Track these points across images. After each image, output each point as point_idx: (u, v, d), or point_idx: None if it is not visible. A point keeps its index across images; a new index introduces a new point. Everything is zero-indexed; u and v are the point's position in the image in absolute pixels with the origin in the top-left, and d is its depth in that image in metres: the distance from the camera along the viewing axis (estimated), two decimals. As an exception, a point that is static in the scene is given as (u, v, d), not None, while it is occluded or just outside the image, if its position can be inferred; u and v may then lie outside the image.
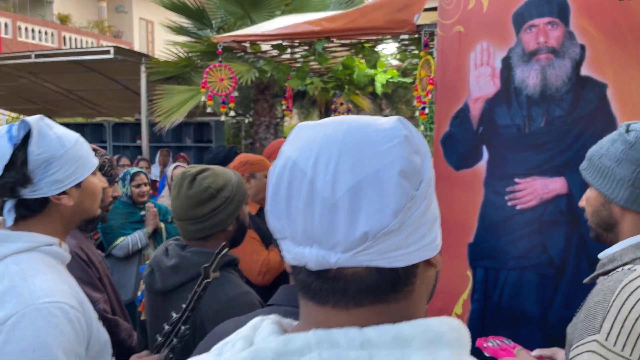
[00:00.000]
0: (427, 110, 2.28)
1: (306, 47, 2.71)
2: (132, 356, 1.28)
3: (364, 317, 0.48)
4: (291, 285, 1.00)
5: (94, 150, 1.69)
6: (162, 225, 3.38)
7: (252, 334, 0.52)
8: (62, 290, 1.03)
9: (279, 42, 2.54)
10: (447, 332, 0.47)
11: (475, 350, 1.46)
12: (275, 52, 2.86)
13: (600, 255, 1.22)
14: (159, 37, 22.06)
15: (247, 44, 2.71)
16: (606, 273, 1.16)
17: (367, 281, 0.48)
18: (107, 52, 5.17)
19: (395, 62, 2.70)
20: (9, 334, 0.94)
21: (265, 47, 2.78)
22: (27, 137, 1.05)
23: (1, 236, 1.05)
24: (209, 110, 3.13)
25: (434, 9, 1.81)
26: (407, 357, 0.45)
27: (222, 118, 3.15)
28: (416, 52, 2.55)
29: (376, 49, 2.58)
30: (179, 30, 6.41)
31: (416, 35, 2.19)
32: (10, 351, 0.93)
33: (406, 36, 2.27)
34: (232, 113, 3.14)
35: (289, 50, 2.76)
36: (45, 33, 16.66)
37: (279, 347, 0.46)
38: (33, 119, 1.08)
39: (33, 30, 16.23)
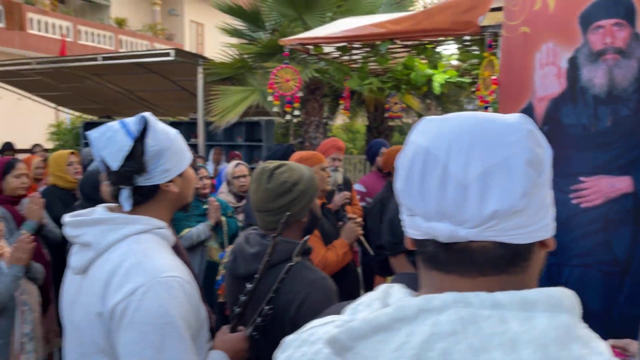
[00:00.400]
0: (490, 110, 2.31)
1: (367, 49, 2.79)
2: (218, 333, 1.40)
3: (487, 285, 0.56)
4: (405, 273, 1.07)
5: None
6: (223, 219, 3.54)
7: (384, 297, 0.61)
8: (177, 266, 1.17)
9: (343, 44, 2.63)
10: (565, 299, 0.54)
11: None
12: (336, 54, 2.95)
13: None
14: (209, 39, 22.72)
15: (311, 47, 2.81)
16: None
17: (492, 254, 0.56)
18: (168, 54, 5.43)
19: (454, 62, 2.73)
20: (138, 302, 1.06)
21: (327, 49, 2.87)
22: (143, 131, 1.19)
23: (122, 219, 1.19)
24: (275, 109, 3.26)
25: (499, 9, 1.85)
26: (533, 318, 0.52)
27: (287, 117, 3.28)
28: (477, 52, 2.59)
29: (437, 50, 2.63)
30: (234, 32, 6.63)
31: (478, 36, 2.23)
32: (140, 318, 1.06)
33: (468, 37, 2.31)
34: (296, 112, 3.27)
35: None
36: (104, 36, 17.49)
37: (421, 304, 0.54)
38: (147, 116, 1.22)
39: (92, 34, 17.07)
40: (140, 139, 1.18)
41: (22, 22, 14.60)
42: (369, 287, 3.43)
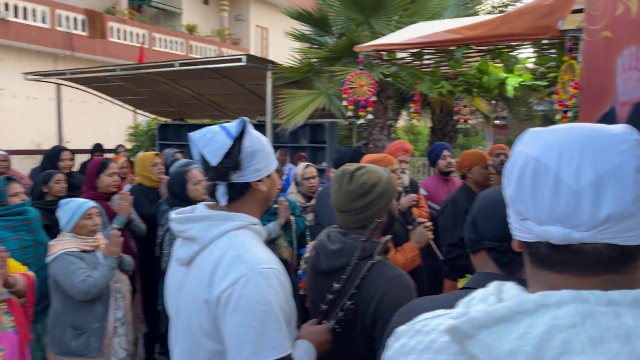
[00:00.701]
0: (569, 114, 2.27)
1: (441, 53, 2.81)
2: (303, 325, 1.51)
3: (599, 284, 0.61)
4: (487, 272, 1.12)
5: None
6: (292, 218, 3.68)
7: (498, 292, 0.68)
8: (272, 259, 1.28)
9: (417, 50, 2.67)
10: None
11: None
12: (409, 58, 3.00)
13: None
14: (273, 42, 23.28)
15: (384, 52, 2.88)
16: None
17: (603, 255, 0.61)
18: (240, 60, 5.66)
19: (529, 66, 2.70)
20: (241, 291, 1.18)
21: (399, 54, 2.93)
22: (241, 133, 1.32)
23: (223, 216, 1.32)
24: (349, 113, 3.36)
25: (580, 10, 1.83)
26: None
27: (361, 120, 3.37)
28: (555, 55, 2.54)
29: (512, 54, 2.61)
30: (301, 37, 6.80)
31: (556, 40, 2.19)
32: (243, 304, 1.17)
33: (546, 41, 2.28)
34: (370, 116, 3.35)
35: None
36: (176, 42, 18.39)
37: (539, 299, 0.60)
38: (245, 120, 1.34)
39: (165, 40, 18.00)
40: (238, 140, 1.31)
41: (103, 30, 15.65)
42: (435, 292, 3.43)
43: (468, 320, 0.61)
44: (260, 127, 8.28)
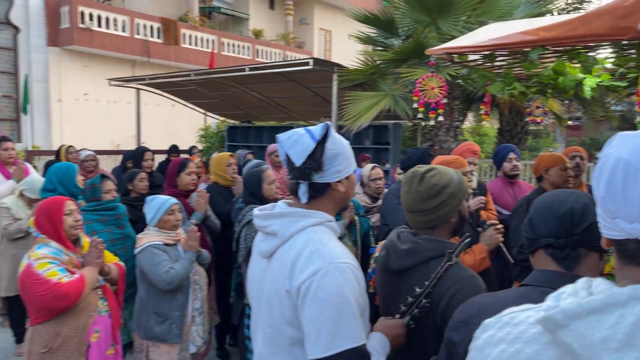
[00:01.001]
0: (651, 115, 2.18)
1: (515, 55, 2.77)
2: (379, 319, 1.57)
3: None
4: (546, 269, 1.17)
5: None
6: (356, 218, 3.75)
7: (587, 287, 0.73)
8: (347, 254, 1.36)
9: (490, 51, 2.66)
10: None
11: None
12: (480, 60, 2.98)
13: None
14: (336, 44, 23.46)
15: (455, 55, 2.88)
16: None
17: None
18: (307, 63, 5.80)
19: (608, 66, 2.60)
20: (319, 282, 1.27)
21: (471, 56, 2.92)
22: (325, 136, 1.40)
23: (302, 213, 1.42)
24: (419, 115, 3.39)
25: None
26: None
27: (431, 122, 3.38)
28: (635, 56, 2.44)
29: (590, 54, 2.53)
30: (366, 39, 6.85)
31: (637, 41, 2.11)
32: (321, 295, 1.26)
33: (625, 41, 2.20)
34: (440, 118, 3.36)
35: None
36: (243, 47, 19.01)
37: (631, 292, 0.65)
38: (328, 124, 1.43)
39: (233, 45, 18.66)
40: (321, 142, 1.39)
41: (177, 37, 16.49)
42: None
43: (561, 312, 0.66)
44: (325, 129, 8.44)
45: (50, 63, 14.39)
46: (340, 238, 3.64)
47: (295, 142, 1.40)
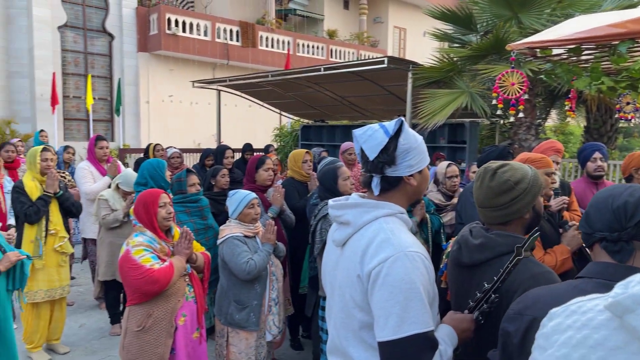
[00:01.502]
0: None
1: (603, 49, 2.64)
2: (449, 312, 1.59)
3: None
4: (600, 262, 1.18)
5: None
6: (427, 216, 3.73)
7: None
8: (417, 244, 1.39)
9: (575, 45, 2.55)
10: None
11: None
12: (565, 54, 2.86)
13: None
14: (410, 42, 23.14)
15: (537, 50, 2.79)
16: None
17: None
18: (382, 62, 5.81)
19: None
20: (389, 269, 1.31)
21: (555, 50, 2.81)
22: (398, 131, 1.44)
23: (373, 204, 1.47)
24: (498, 112, 3.31)
25: None
26: None
27: (511, 119, 3.30)
28: None
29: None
30: (443, 36, 6.73)
31: None
32: (390, 280, 1.31)
33: None
34: (520, 115, 3.27)
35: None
36: (317, 47, 19.31)
37: None
38: (402, 120, 1.47)
39: (308, 46, 19.01)
40: (394, 137, 1.43)
41: (254, 40, 17.08)
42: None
43: (629, 297, 0.68)
44: (398, 128, 8.41)
45: (140, 67, 15.46)
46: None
47: (370, 137, 1.45)
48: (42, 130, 7.95)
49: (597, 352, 0.71)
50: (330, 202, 1.58)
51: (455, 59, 6.05)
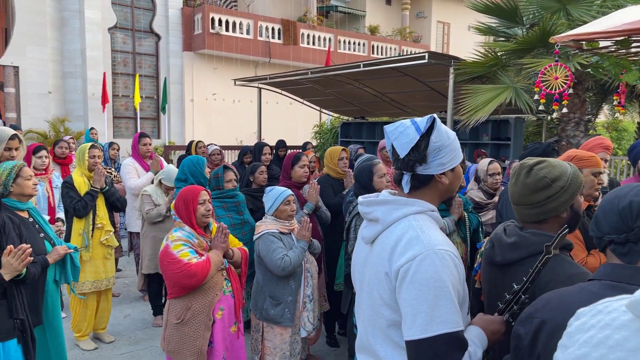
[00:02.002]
0: None
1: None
2: (479, 314, 1.54)
3: None
4: (609, 263, 1.15)
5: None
6: (465, 214, 3.64)
7: None
8: (447, 242, 1.36)
9: (624, 37, 2.42)
10: None
11: None
12: (613, 47, 2.71)
13: None
14: (454, 37, 22.65)
15: (583, 42, 2.66)
16: None
17: None
18: (423, 57, 5.71)
19: None
20: (417, 266, 1.29)
21: (602, 42, 2.67)
22: (430, 128, 1.41)
23: (403, 201, 1.44)
24: (540, 107, 3.19)
25: None
26: None
27: (554, 115, 3.17)
28: None
29: None
30: (487, 30, 6.54)
31: None
32: (419, 278, 1.28)
33: None
34: (564, 110, 3.14)
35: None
36: (359, 43, 19.22)
37: None
38: (434, 117, 1.43)
39: (349, 42, 18.95)
40: (425, 135, 1.39)
41: (295, 37, 17.18)
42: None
43: None
44: (439, 124, 8.27)
45: (185, 66, 15.88)
46: (449, 235, 3.61)
47: (401, 134, 1.42)
48: (92, 128, 8.31)
49: (615, 353, 0.69)
50: (360, 198, 1.56)
51: (499, 53, 5.86)
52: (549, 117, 7.58)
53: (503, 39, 6.36)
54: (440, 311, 1.26)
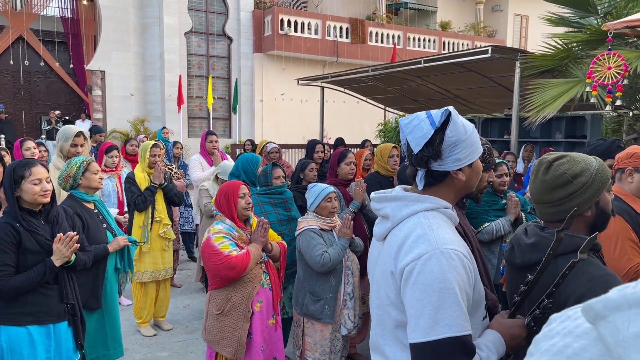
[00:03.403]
0: None
1: None
2: (496, 316, 1.45)
3: None
4: None
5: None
6: (523, 215, 3.43)
7: None
8: (458, 241, 1.29)
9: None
10: None
11: None
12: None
13: None
14: (533, 31, 21.43)
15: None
16: None
17: None
18: (485, 51, 5.47)
19: None
20: (422, 266, 1.23)
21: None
22: (445, 122, 1.34)
23: (414, 197, 1.39)
24: (592, 100, 2.95)
25: None
26: None
27: (607, 108, 2.91)
28: None
29: None
30: (559, 21, 6.13)
31: None
32: (423, 279, 1.22)
33: None
34: (618, 102, 2.88)
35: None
36: (429, 40, 18.77)
37: None
38: (450, 109, 1.36)
39: (419, 39, 18.55)
40: (440, 129, 1.32)
41: (363, 36, 17.11)
42: None
43: (602, 300, 0.58)
44: (507, 121, 7.87)
45: (255, 68, 16.35)
46: (505, 236, 3.41)
47: (415, 128, 1.36)
48: (164, 127, 8.79)
49: None
50: (373, 194, 1.53)
51: (572, 44, 5.47)
52: (631, 113, 6.97)
53: (575, 29, 5.93)
54: (444, 314, 1.20)
